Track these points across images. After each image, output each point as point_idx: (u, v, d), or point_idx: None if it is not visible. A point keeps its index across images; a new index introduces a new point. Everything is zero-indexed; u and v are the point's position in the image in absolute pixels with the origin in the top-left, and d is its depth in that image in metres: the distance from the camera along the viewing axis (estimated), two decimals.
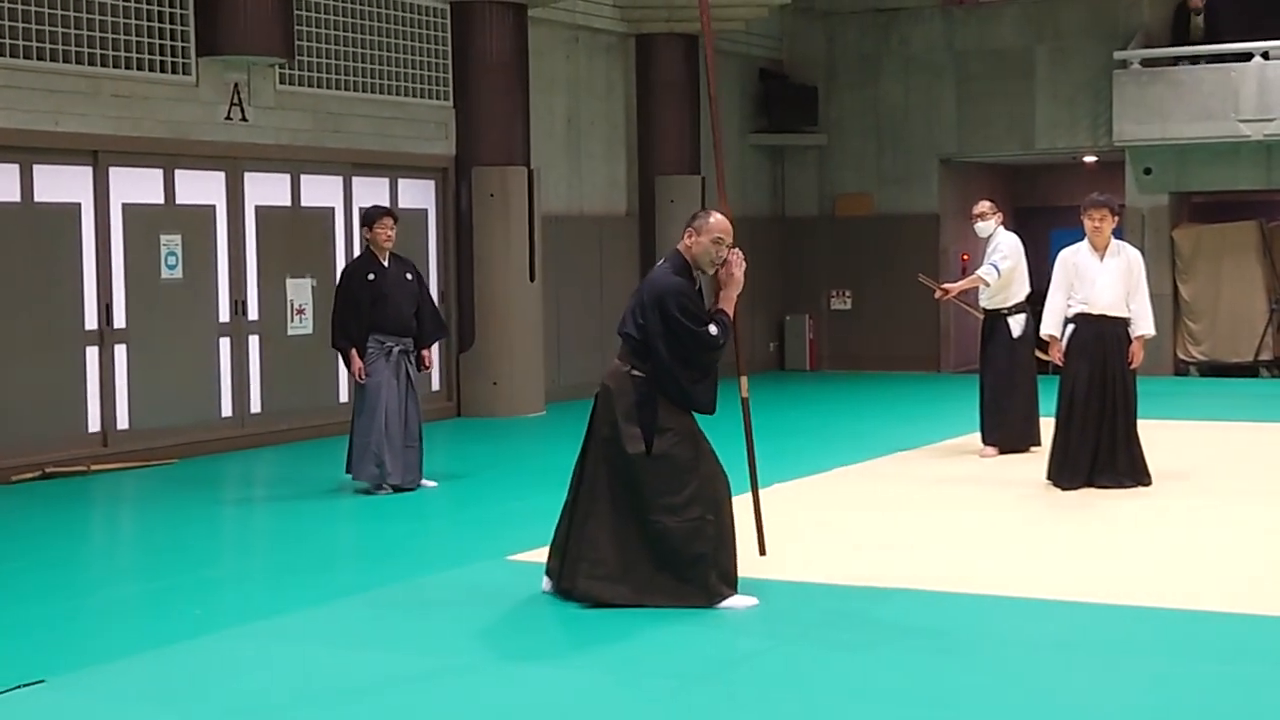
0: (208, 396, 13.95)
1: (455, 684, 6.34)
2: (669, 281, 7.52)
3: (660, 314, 7.42)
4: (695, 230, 7.55)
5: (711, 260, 7.55)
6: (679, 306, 7.42)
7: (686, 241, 7.58)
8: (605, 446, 7.56)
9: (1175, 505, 10.23)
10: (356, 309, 11.12)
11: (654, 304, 7.45)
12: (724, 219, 7.59)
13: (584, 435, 7.74)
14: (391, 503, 10.90)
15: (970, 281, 13.06)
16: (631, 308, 7.60)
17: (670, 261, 7.65)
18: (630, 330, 7.55)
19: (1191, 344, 20.34)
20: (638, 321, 7.50)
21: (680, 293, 7.47)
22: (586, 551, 7.49)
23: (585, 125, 18.52)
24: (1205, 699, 5.96)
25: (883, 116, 22.02)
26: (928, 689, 6.14)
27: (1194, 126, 19.45)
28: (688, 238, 7.57)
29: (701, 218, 7.60)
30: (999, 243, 12.84)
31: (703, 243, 7.53)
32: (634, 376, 7.52)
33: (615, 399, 7.54)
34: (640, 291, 7.63)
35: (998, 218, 13.03)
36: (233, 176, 14.17)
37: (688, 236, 7.58)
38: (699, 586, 7.44)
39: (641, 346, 7.51)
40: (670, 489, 7.44)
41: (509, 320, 16.37)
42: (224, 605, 8.00)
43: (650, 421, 7.45)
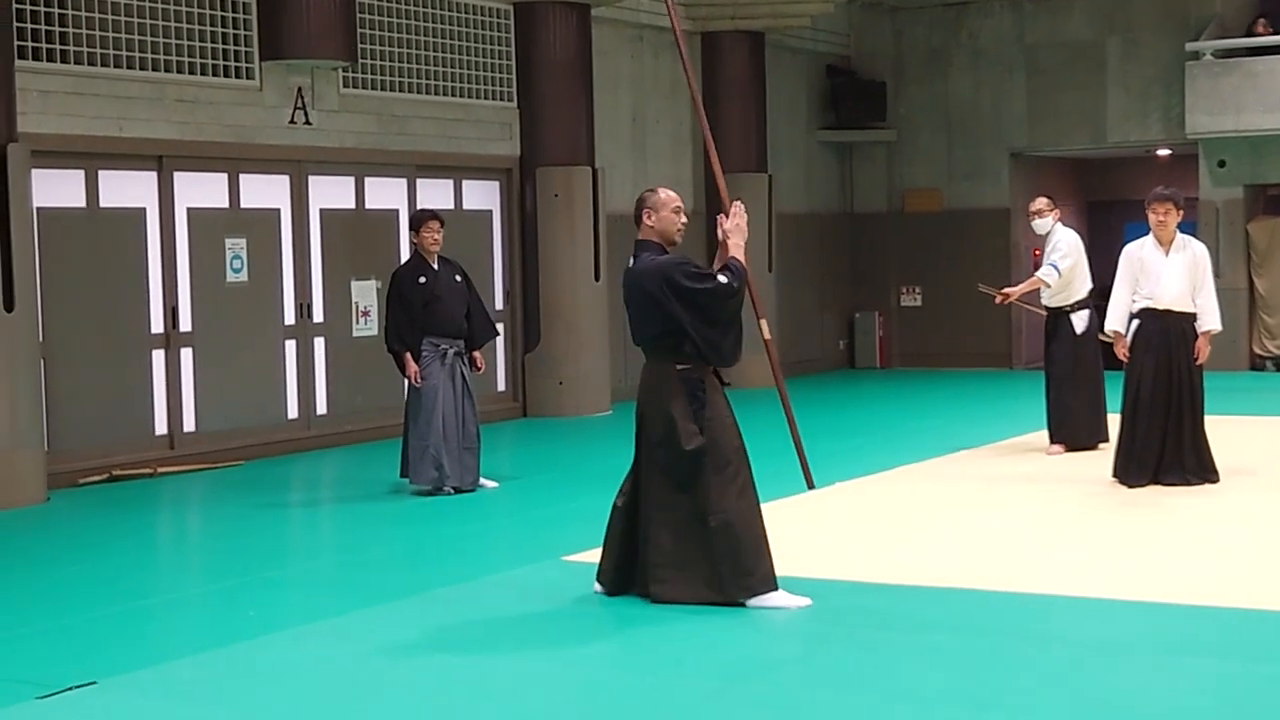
0: (273, 399, 14.04)
1: (502, 683, 6.34)
2: (662, 260, 7.51)
3: (673, 291, 7.38)
4: (651, 209, 7.61)
5: (678, 229, 7.61)
6: (685, 274, 7.41)
7: (648, 222, 7.60)
8: (658, 449, 7.54)
9: (1242, 503, 10.08)
10: (409, 312, 11.16)
11: (663, 287, 7.40)
12: (670, 191, 7.68)
13: (635, 443, 7.71)
14: (450, 504, 10.92)
15: (1030, 284, 12.92)
16: (641, 308, 7.55)
17: (647, 250, 7.60)
18: (654, 332, 7.52)
19: (1267, 338, 20.05)
20: (661, 314, 7.44)
21: (678, 263, 7.48)
22: (653, 557, 7.49)
23: (650, 124, 18.50)
24: (1262, 700, 5.86)
25: (952, 111, 21.85)
26: (974, 690, 6.07)
27: (1268, 118, 19.17)
28: (647, 219, 7.60)
29: (651, 196, 7.67)
30: (1058, 240, 12.72)
31: (664, 216, 7.59)
32: (679, 371, 7.50)
33: (668, 400, 7.51)
34: (638, 288, 7.54)
35: (1055, 214, 12.90)
36: (297, 180, 14.25)
37: (647, 218, 7.60)
38: (763, 574, 7.42)
39: (674, 340, 7.47)
40: (728, 476, 7.45)
41: (574, 320, 16.37)
42: (281, 607, 8.05)
43: (702, 413, 7.44)
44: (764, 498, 8.04)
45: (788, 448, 10.13)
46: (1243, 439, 12.75)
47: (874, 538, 9.26)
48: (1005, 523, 9.64)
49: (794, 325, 20.51)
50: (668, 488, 7.50)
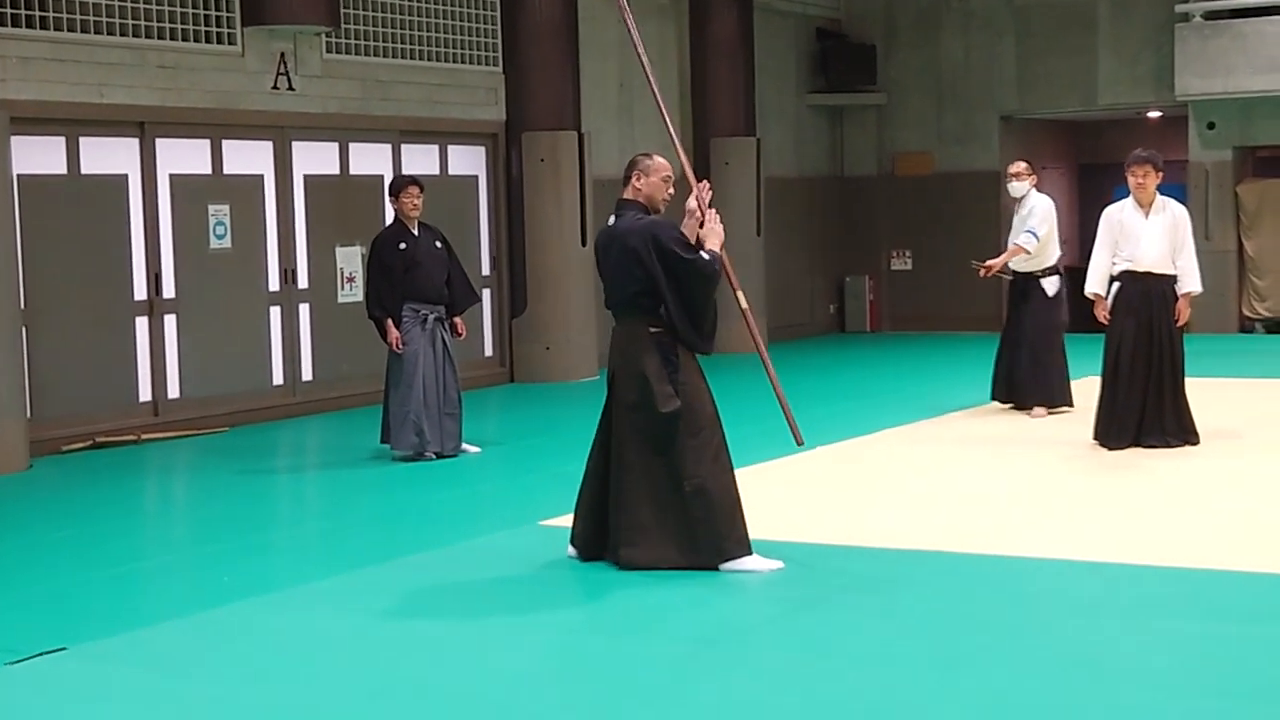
0: (258, 365, 14.03)
1: (476, 648, 6.36)
2: (652, 220, 7.54)
3: (658, 252, 7.38)
4: (642, 172, 7.67)
5: (664, 198, 7.67)
6: (672, 239, 7.43)
7: (636, 184, 7.65)
8: (632, 413, 7.53)
9: (1221, 465, 10.09)
10: (390, 279, 11.15)
11: (648, 244, 7.40)
12: (664, 159, 7.73)
13: (604, 406, 7.72)
14: (432, 469, 10.93)
15: (1012, 253, 12.89)
16: (620, 265, 7.52)
17: (631, 209, 7.62)
18: (631, 291, 7.50)
19: (1256, 300, 20.03)
20: (641, 273, 7.42)
21: (668, 226, 7.50)
22: (624, 521, 7.49)
23: (637, 89, 18.41)
24: (1232, 661, 5.87)
25: (943, 74, 21.78)
26: (948, 652, 6.08)
27: (1258, 80, 19.12)
28: (636, 181, 7.65)
29: (644, 160, 7.73)
30: (1034, 206, 12.78)
31: (654, 182, 7.65)
32: (654, 334, 7.50)
33: (642, 362, 7.50)
34: (619, 244, 7.52)
35: (1032, 180, 12.98)
36: (280, 146, 14.21)
37: (636, 180, 7.65)
38: (737, 538, 7.44)
39: (651, 301, 7.47)
40: (703, 441, 7.45)
41: (561, 285, 16.35)
42: (261, 572, 8.05)
43: (676, 376, 7.46)
44: (745, 462, 8.08)
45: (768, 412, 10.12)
46: (1228, 401, 12.76)
47: (853, 501, 9.27)
48: (985, 485, 9.65)
49: (783, 290, 20.47)
50: (641, 452, 7.49)
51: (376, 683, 5.91)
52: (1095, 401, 10.99)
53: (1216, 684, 5.59)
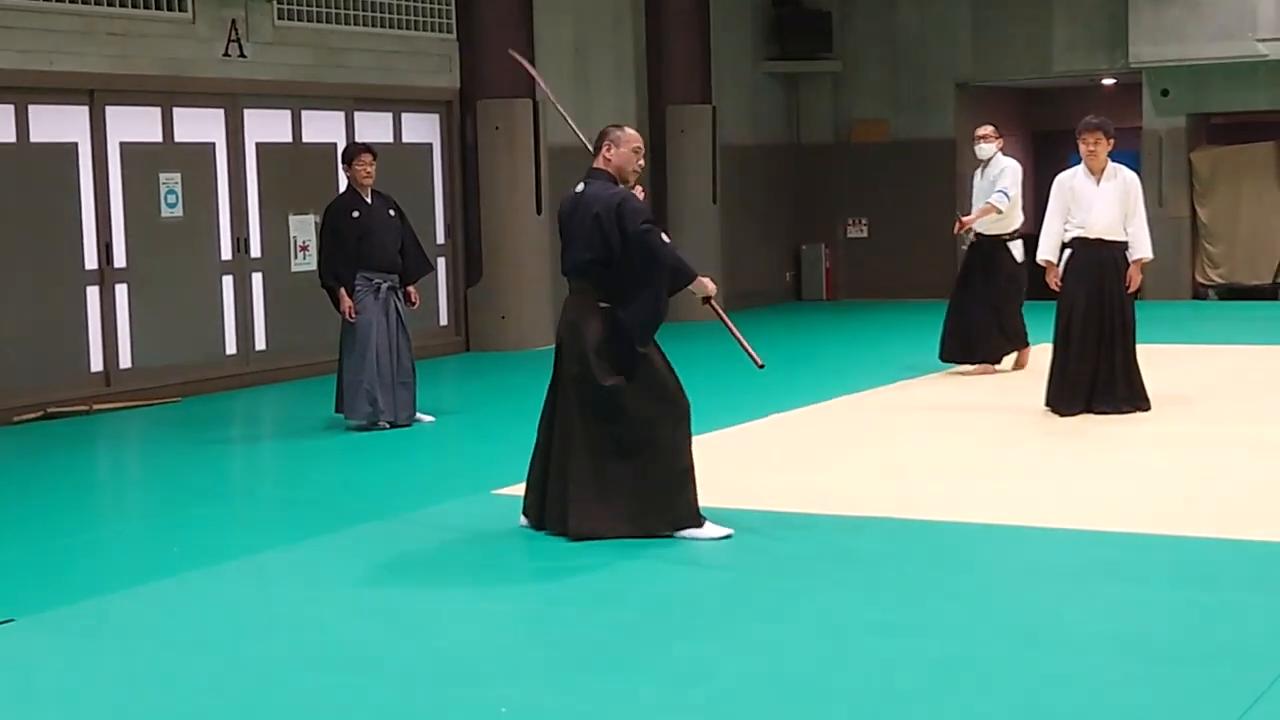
0: (211, 335, 13.96)
1: (427, 616, 6.34)
2: (621, 191, 7.52)
3: (619, 221, 7.37)
4: (613, 143, 7.64)
5: (634, 170, 7.63)
6: (636, 213, 7.41)
7: (606, 155, 7.63)
8: (576, 385, 7.52)
9: (1171, 431, 10.14)
10: (343, 247, 11.09)
11: (612, 214, 7.39)
12: (635, 132, 7.74)
13: (551, 376, 7.71)
14: (385, 439, 10.90)
15: (983, 211, 13.07)
16: (581, 230, 7.49)
17: (599, 179, 7.60)
18: (587, 258, 7.47)
19: (1210, 267, 20.14)
20: (600, 240, 7.39)
21: (635, 201, 7.49)
22: (573, 492, 7.48)
23: (593, 55, 18.36)
24: (1181, 626, 5.91)
25: (898, 42, 21.76)
26: (897, 618, 6.11)
27: (1211, 47, 19.18)
28: (606, 151, 7.63)
29: (615, 131, 7.70)
30: (1004, 168, 13.09)
31: (624, 153, 7.63)
32: (601, 308, 7.48)
33: (583, 333, 7.49)
34: (583, 210, 7.50)
35: (999, 143, 13.30)
36: (232, 114, 14.11)
37: (606, 150, 7.64)
38: (686, 506, 7.45)
39: (603, 272, 7.45)
40: (657, 410, 7.44)
41: (516, 254, 16.31)
42: (213, 543, 7.99)
43: (620, 350, 7.42)
44: (701, 429, 8.07)
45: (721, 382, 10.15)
46: (1181, 368, 12.83)
47: (806, 468, 9.28)
48: (937, 452, 9.68)
49: (739, 258, 20.46)
50: (589, 421, 7.48)
51: (329, 652, 5.90)
52: (1047, 368, 11.05)
53: (1165, 649, 5.63)
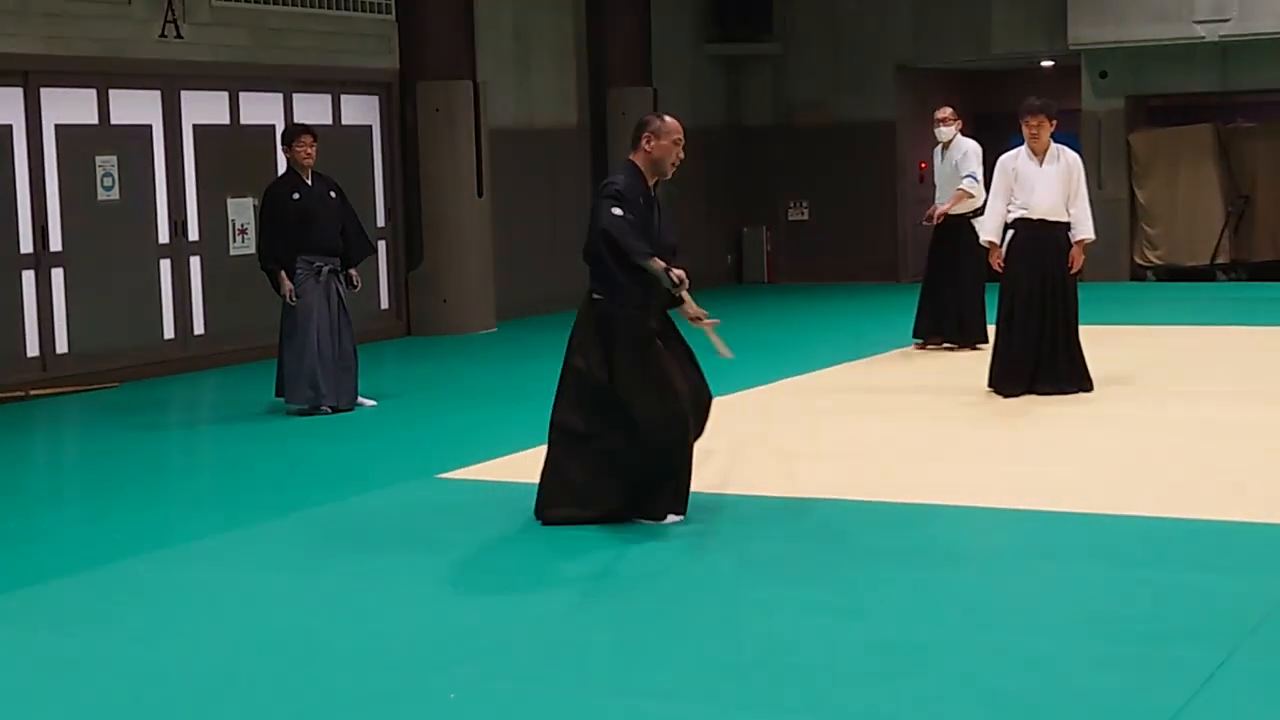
0: (149, 319, 13.80)
1: (369, 603, 6.28)
2: (612, 180, 7.46)
3: (596, 202, 7.36)
4: (654, 134, 7.43)
5: (673, 161, 7.47)
6: (608, 194, 7.33)
7: (645, 148, 7.45)
8: (574, 375, 7.44)
9: (1114, 411, 10.19)
10: (283, 229, 10.98)
11: (597, 196, 7.41)
12: (676, 121, 7.54)
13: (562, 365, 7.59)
14: (327, 423, 10.81)
15: (957, 198, 13.35)
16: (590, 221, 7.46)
17: (622, 173, 7.51)
18: (586, 243, 7.43)
19: (1148, 248, 20.26)
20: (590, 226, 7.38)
21: (616, 185, 7.38)
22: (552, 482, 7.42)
23: (534, 37, 18.27)
24: (1125, 605, 5.92)
25: (838, 24, 21.76)
26: (842, 600, 6.09)
27: (1149, 28, 19.29)
28: (646, 144, 7.44)
29: (656, 122, 7.48)
30: (966, 150, 13.38)
31: (664, 145, 7.44)
32: (593, 300, 7.42)
33: (581, 325, 7.45)
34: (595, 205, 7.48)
35: (958, 124, 13.59)
36: (169, 95, 13.96)
37: (646, 143, 7.44)
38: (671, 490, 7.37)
39: (594, 263, 7.35)
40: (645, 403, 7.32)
41: (458, 237, 16.22)
42: (150, 529, 7.91)
43: (611, 343, 7.33)
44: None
45: None
46: (1121, 348, 12.88)
47: (749, 451, 9.26)
48: (881, 433, 9.68)
49: (680, 240, 20.23)
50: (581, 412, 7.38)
51: (275, 639, 5.83)
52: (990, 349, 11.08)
53: (1116, 629, 5.63)
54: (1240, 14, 18.80)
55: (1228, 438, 9.13)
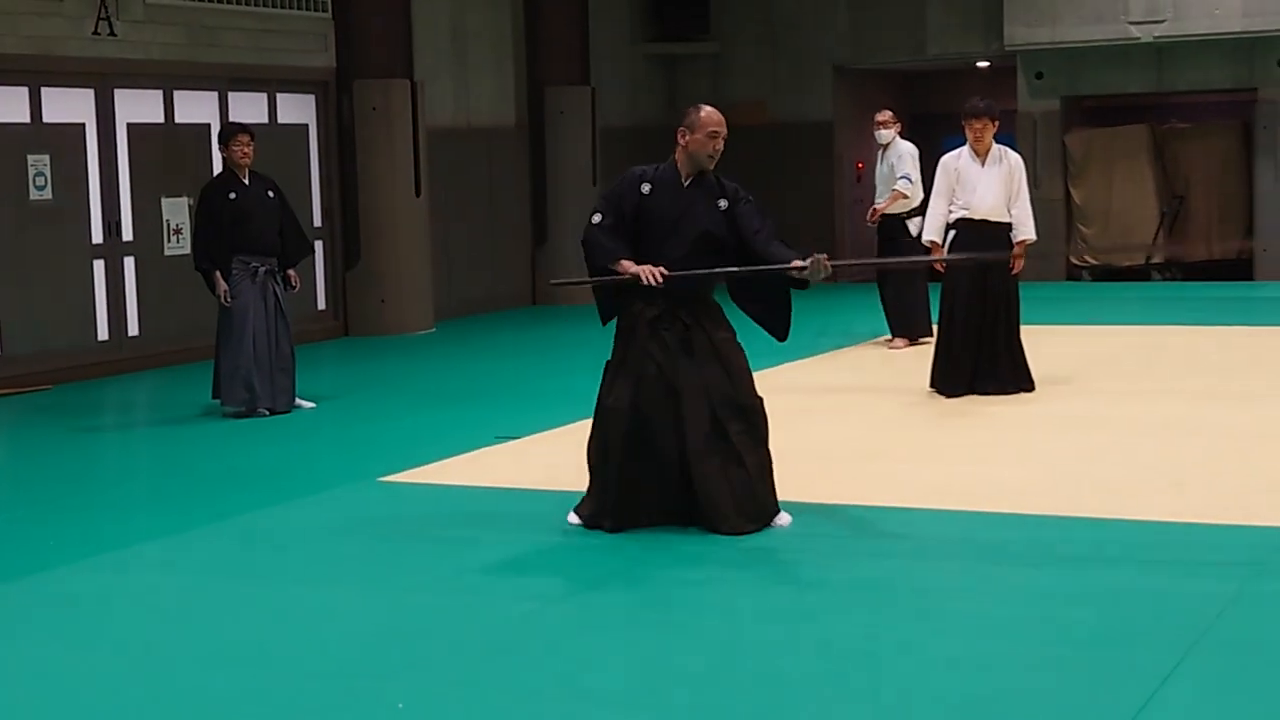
0: (82, 320, 13.62)
1: (312, 609, 6.18)
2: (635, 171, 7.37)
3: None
4: (687, 129, 7.22)
5: (710, 155, 7.24)
6: (602, 195, 7.36)
7: (681, 143, 7.24)
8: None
9: (1056, 411, 10.20)
10: (218, 229, 10.85)
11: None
12: (714, 110, 7.31)
13: None
14: (264, 426, 10.68)
15: (893, 198, 13.66)
16: None
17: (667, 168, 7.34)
18: None
19: (1084, 248, 20.36)
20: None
21: (621, 178, 7.35)
22: None
23: (471, 35, 18.16)
24: (1072, 607, 5.90)
25: (775, 24, 21.77)
26: (787, 604, 6.05)
27: (1084, 29, 19.38)
28: (681, 139, 7.25)
29: (691, 114, 7.26)
30: (902, 152, 13.69)
31: (699, 139, 7.19)
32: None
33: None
34: None
35: (897, 127, 13.89)
36: (102, 94, 13.77)
37: (681, 138, 7.25)
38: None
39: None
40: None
41: (395, 237, 16.11)
42: (85, 534, 7.76)
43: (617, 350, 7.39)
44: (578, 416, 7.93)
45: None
46: (1061, 348, 12.92)
47: None
48: (822, 435, 9.65)
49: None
50: None
51: (217, 647, 5.72)
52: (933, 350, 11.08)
53: (1067, 632, 5.60)
54: (1175, 15, 18.92)
55: (1169, 437, 9.17)
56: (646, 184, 7.28)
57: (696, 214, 7.27)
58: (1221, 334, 14.26)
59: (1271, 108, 19.22)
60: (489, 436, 9.78)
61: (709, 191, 7.33)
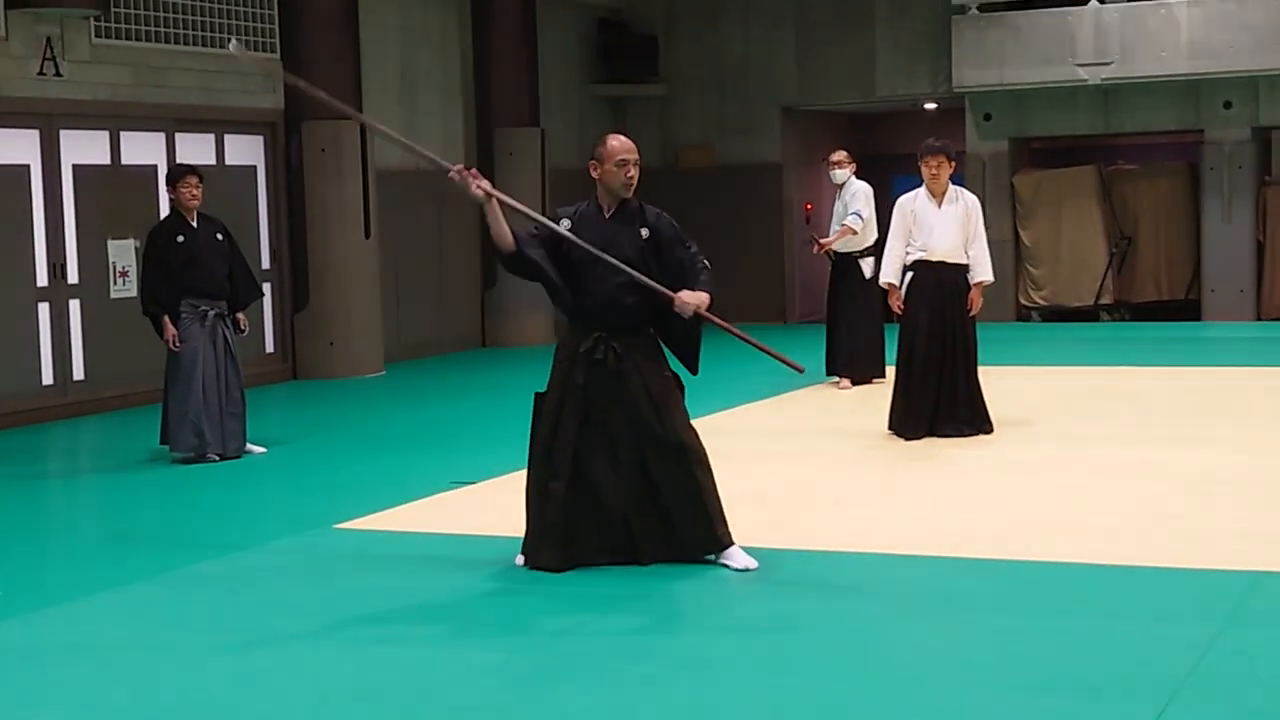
0: (27, 364, 13.39)
1: (265, 662, 6.01)
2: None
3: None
4: (598, 160, 7.23)
5: (624, 184, 7.20)
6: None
7: (594, 175, 7.27)
8: None
9: (1016, 453, 10.15)
10: (166, 272, 10.69)
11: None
12: (623, 138, 7.31)
13: None
14: (215, 471, 10.50)
15: (840, 233, 13.68)
16: None
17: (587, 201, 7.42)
18: None
19: (1033, 289, 20.42)
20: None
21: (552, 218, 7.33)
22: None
23: (420, 77, 18.08)
24: (1038, 653, 5.81)
25: (723, 65, 21.79)
26: (759, 652, 5.93)
27: (1032, 71, 19.47)
28: (593, 171, 7.25)
29: (599, 146, 7.27)
30: (855, 191, 13.71)
31: (609, 169, 7.20)
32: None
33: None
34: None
35: (852, 167, 13.88)
36: (47, 134, 13.58)
37: (593, 170, 7.26)
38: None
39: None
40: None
41: (344, 279, 15.95)
42: (30, 587, 7.56)
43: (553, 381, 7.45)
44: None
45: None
46: (1013, 389, 12.88)
47: None
48: (782, 478, 9.55)
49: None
50: None
51: (168, 703, 5.55)
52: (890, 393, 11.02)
53: (1042, 679, 5.50)
54: (1122, 57, 19.04)
55: (1131, 480, 9.11)
56: (566, 220, 7.29)
57: (620, 244, 7.25)
58: (1173, 375, 14.28)
59: (1217, 149, 19.35)
60: (444, 481, 9.64)
61: (631, 221, 7.31)
